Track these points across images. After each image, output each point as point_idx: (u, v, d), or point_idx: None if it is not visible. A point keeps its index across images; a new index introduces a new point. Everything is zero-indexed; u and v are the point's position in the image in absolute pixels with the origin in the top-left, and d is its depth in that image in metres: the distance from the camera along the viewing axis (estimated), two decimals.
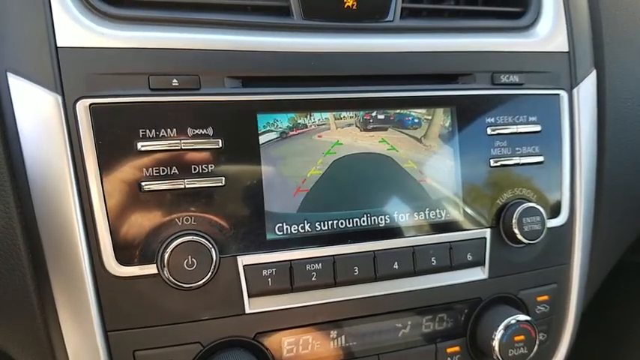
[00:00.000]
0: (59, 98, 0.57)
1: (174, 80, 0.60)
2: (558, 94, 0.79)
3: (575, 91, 0.80)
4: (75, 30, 0.58)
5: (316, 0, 0.67)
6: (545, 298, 0.79)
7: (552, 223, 0.78)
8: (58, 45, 0.58)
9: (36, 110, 0.57)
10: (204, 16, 0.64)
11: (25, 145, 0.57)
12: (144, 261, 0.59)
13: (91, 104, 0.58)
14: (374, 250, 0.68)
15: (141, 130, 0.59)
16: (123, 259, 0.59)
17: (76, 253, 0.58)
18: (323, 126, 0.67)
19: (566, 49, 0.80)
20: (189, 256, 0.59)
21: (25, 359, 0.65)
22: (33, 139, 0.57)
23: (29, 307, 0.59)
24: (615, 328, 1.07)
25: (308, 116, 0.66)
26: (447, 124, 0.72)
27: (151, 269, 0.59)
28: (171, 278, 0.59)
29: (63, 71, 0.57)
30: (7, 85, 0.57)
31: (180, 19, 0.63)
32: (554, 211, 0.79)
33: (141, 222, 0.59)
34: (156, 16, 0.62)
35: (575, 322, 0.85)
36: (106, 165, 0.58)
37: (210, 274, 0.60)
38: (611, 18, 0.86)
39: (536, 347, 0.74)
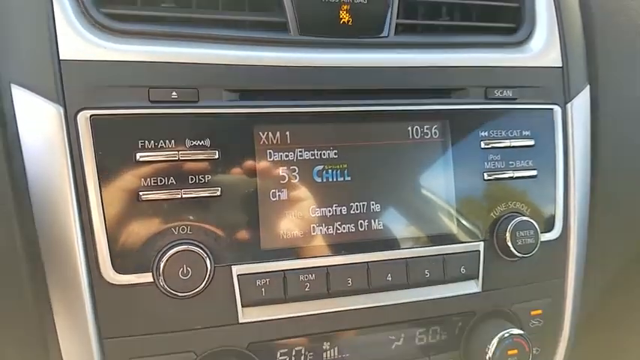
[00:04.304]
0: (61, 109, 0.59)
1: (174, 93, 0.62)
2: (552, 109, 0.80)
3: (568, 106, 0.81)
4: (77, 43, 0.60)
5: (312, 16, 0.69)
6: (539, 312, 0.80)
7: (546, 237, 0.79)
8: (61, 58, 0.59)
9: (38, 121, 0.59)
10: (203, 31, 0.66)
11: (26, 154, 0.59)
12: (140, 269, 0.60)
13: (91, 115, 0.59)
14: (367, 262, 0.69)
15: (140, 141, 0.60)
16: (120, 267, 0.60)
17: (74, 260, 0.59)
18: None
19: (559, 64, 0.81)
20: (185, 265, 0.60)
21: None
22: (34, 149, 0.59)
23: (27, 314, 0.60)
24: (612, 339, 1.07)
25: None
26: (440, 138, 0.73)
27: (147, 277, 0.60)
28: (166, 287, 0.60)
29: (65, 83, 0.59)
30: (11, 96, 0.58)
31: (180, 34, 0.65)
32: (548, 225, 0.79)
33: (138, 231, 0.60)
34: (156, 31, 0.64)
35: (570, 336, 0.85)
36: (105, 175, 0.59)
37: (204, 283, 0.61)
38: (606, 34, 0.87)
39: None
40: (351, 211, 0.69)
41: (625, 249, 0.93)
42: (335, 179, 0.69)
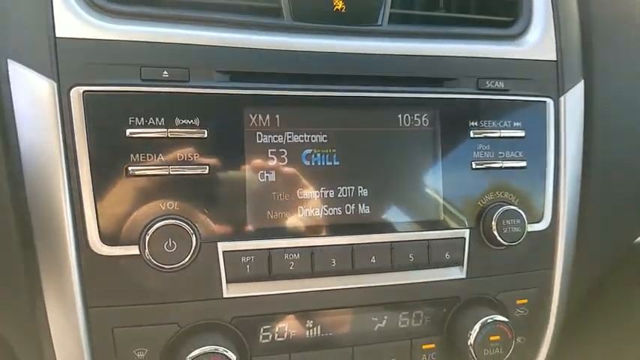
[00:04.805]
0: (55, 85, 0.61)
1: (165, 72, 0.64)
2: (544, 102, 0.80)
3: (561, 99, 0.81)
4: (73, 22, 0.62)
5: (306, 2, 0.70)
6: (525, 301, 0.80)
7: (534, 227, 0.79)
8: (57, 35, 0.61)
9: (33, 95, 0.61)
10: (197, 14, 0.67)
11: (20, 128, 0.61)
12: (127, 242, 0.62)
13: (84, 91, 0.61)
14: (352, 244, 0.70)
15: (130, 118, 0.62)
16: (107, 239, 0.62)
17: (63, 231, 0.61)
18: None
19: (554, 58, 0.82)
20: (170, 239, 0.61)
21: (10, 333, 0.68)
22: (28, 122, 0.61)
23: (16, 282, 0.62)
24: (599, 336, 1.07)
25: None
26: (430, 127, 0.74)
27: (133, 250, 0.62)
28: (152, 259, 0.61)
29: (60, 60, 0.61)
30: (7, 70, 0.61)
31: (173, 16, 0.66)
32: (537, 216, 0.80)
33: (126, 205, 0.62)
34: (151, 13, 0.66)
35: (556, 328, 0.85)
36: (95, 149, 0.61)
37: (189, 257, 0.63)
38: (603, 30, 0.87)
39: (512, 348, 0.74)
40: (339, 195, 0.70)
41: (615, 243, 0.94)
42: (323, 163, 0.70)
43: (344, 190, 0.71)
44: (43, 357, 0.65)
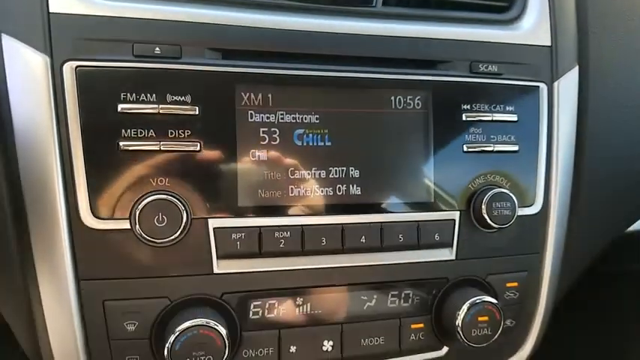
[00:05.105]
0: (48, 60, 0.61)
1: (157, 49, 0.64)
2: (538, 87, 0.81)
3: (555, 84, 0.82)
4: None
5: None
6: (515, 284, 0.81)
7: (525, 211, 0.80)
8: (51, 11, 0.62)
9: (25, 69, 0.61)
10: None
11: (13, 102, 0.61)
12: (118, 216, 0.63)
13: (77, 66, 0.62)
14: (342, 224, 0.70)
15: (122, 94, 0.63)
16: (98, 213, 0.62)
17: (55, 205, 0.62)
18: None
19: (548, 43, 0.82)
20: (160, 214, 0.62)
21: (2, 305, 0.69)
22: (21, 97, 0.61)
23: (8, 256, 0.63)
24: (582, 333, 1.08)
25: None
26: (423, 109, 0.74)
27: (124, 224, 0.63)
28: (142, 234, 0.62)
29: (53, 35, 0.62)
30: (1, 45, 0.61)
31: None
32: (528, 200, 0.80)
33: (117, 179, 0.63)
34: None
35: (546, 313, 0.86)
36: (87, 124, 0.62)
37: (180, 233, 0.63)
38: (598, 16, 0.87)
39: (500, 330, 0.75)
40: (330, 176, 0.71)
41: (607, 231, 0.94)
42: (315, 144, 0.71)
43: (335, 170, 0.71)
44: (35, 329, 0.66)
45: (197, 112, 0.65)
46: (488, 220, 0.75)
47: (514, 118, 0.79)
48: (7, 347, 0.78)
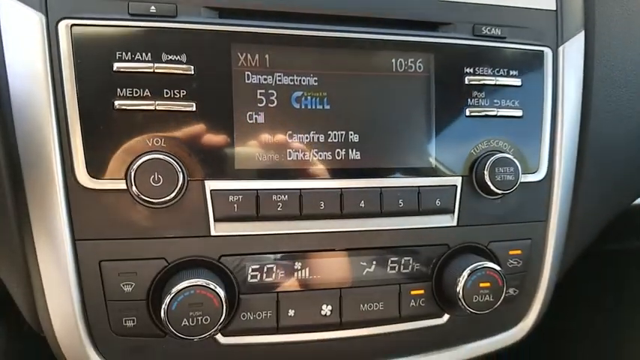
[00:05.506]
0: (43, 18, 0.61)
1: (152, 7, 0.63)
2: (542, 51, 0.79)
3: (560, 49, 0.80)
4: None
5: None
6: (518, 252, 0.80)
7: (529, 178, 0.78)
8: None
9: (21, 27, 0.61)
10: None
11: (8, 60, 0.61)
12: (114, 176, 0.62)
13: (72, 25, 0.61)
14: (341, 188, 0.70)
15: (117, 52, 0.62)
16: (94, 172, 0.62)
17: (50, 164, 0.61)
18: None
19: (553, 7, 0.80)
20: (156, 174, 0.62)
21: None
22: (16, 55, 0.61)
23: (4, 216, 0.63)
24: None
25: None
26: (424, 72, 0.73)
27: (120, 184, 0.62)
28: (138, 193, 0.62)
29: None
30: None
31: None
32: (532, 167, 0.79)
33: (113, 139, 0.62)
34: None
35: (550, 283, 0.85)
36: (82, 82, 0.61)
37: (176, 193, 0.63)
38: None
39: (502, 296, 0.74)
40: (329, 140, 0.70)
41: (613, 201, 0.92)
42: (314, 107, 0.70)
43: (334, 134, 0.70)
44: (31, 289, 0.66)
45: (192, 72, 0.64)
46: (491, 186, 0.74)
47: (518, 82, 0.77)
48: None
